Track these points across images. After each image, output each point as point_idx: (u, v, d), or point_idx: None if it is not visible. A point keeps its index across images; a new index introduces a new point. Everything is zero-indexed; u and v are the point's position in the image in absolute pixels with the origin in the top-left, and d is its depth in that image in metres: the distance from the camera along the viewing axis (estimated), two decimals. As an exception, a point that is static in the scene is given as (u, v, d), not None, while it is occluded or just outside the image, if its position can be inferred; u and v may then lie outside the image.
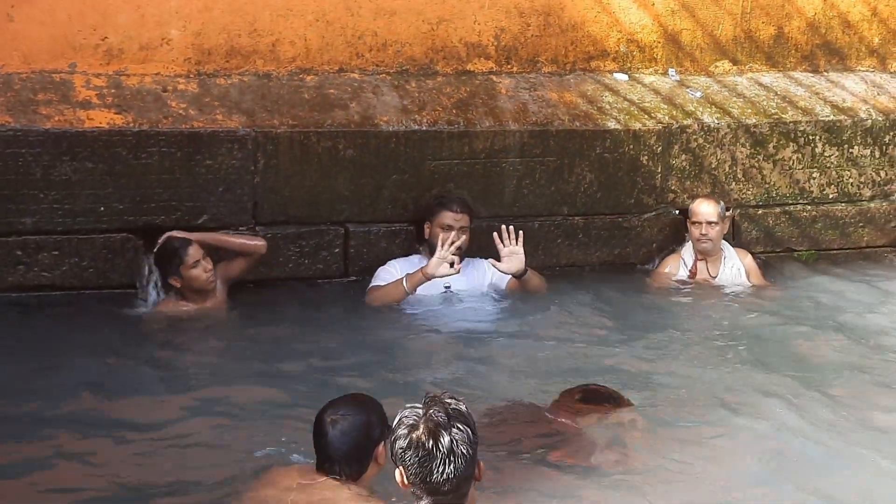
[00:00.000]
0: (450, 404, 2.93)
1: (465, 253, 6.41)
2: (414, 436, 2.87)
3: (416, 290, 6.23)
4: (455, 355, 5.82)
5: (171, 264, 5.96)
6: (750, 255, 7.10)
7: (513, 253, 6.28)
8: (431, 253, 6.36)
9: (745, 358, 5.80)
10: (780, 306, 6.68)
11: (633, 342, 5.99)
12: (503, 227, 6.28)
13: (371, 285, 6.38)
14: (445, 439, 2.85)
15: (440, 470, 2.86)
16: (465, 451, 2.88)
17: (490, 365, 5.68)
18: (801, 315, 6.55)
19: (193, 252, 5.93)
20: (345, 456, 3.78)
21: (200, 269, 5.94)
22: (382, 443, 3.73)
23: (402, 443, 2.89)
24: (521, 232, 6.26)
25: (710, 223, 6.78)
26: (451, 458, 2.87)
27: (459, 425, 2.90)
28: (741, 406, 5.08)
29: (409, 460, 2.88)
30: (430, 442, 2.86)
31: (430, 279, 6.15)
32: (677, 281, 6.91)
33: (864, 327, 6.35)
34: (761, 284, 6.95)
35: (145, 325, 5.97)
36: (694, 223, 6.84)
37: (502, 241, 6.26)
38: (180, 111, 6.24)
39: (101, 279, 6.11)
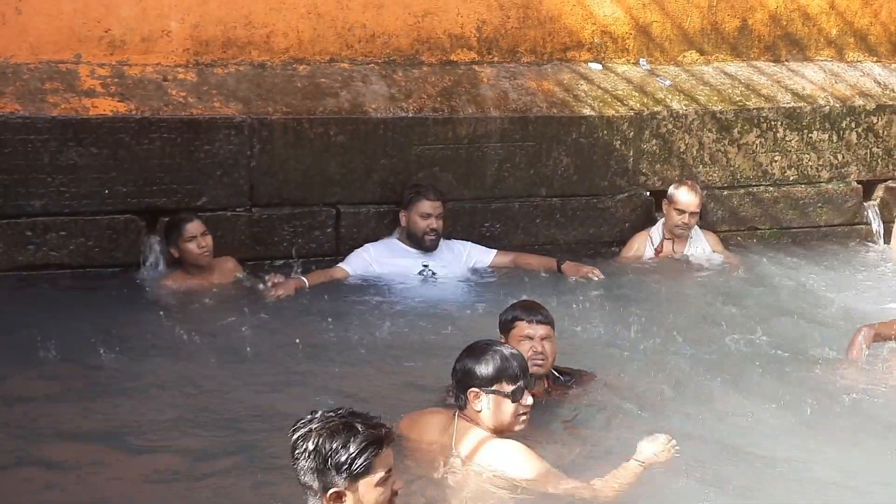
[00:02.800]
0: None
1: (443, 235, 6.46)
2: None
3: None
4: (425, 331, 5.75)
5: (171, 236, 5.99)
6: (714, 235, 7.09)
7: None
8: (409, 239, 6.42)
9: (693, 327, 5.77)
10: (739, 282, 6.68)
11: (594, 315, 5.88)
12: None
13: (338, 265, 6.37)
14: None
15: None
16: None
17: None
18: (756, 289, 6.56)
19: (192, 228, 5.95)
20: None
21: (194, 245, 5.94)
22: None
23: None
24: None
25: (693, 213, 6.75)
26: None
27: None
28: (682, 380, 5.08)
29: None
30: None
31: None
32: (645, 258, 6.89)
33: (816, 305, 6.32)
34: (724, 259, 6.95)
35: (147, 298, 5.95)
36: (677, 210, 6.76)
37: None
38: (180, 99, 6.24)
39: (107, 258, 6.12)
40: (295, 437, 3.14)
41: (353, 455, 3.09)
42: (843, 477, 4.20)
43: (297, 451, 3.12)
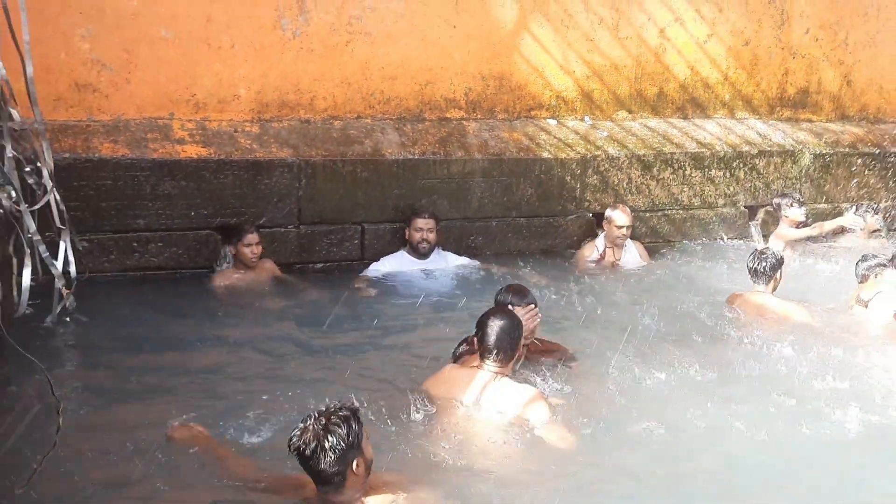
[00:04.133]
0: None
1: (434, 245, 6.44)
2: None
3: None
4: (425, 320, 5.65)
5: (233, 238, 5.97)
6: (641, 245, 7.09)
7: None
8: (411, 249, 6.41)
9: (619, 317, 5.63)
10: (657, 279, 6.66)
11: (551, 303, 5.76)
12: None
13: (360, 274, 6.34)
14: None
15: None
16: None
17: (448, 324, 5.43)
18: (670, 284, 6.54)
19: (250, 237, 5.94)
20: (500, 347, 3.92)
21: (249, 250, 5.91)
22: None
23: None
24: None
25: (627, 227, 6.76)
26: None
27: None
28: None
29: None
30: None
31: None
32: (591, 262, 6.83)
33: (712, 292, 6.23)
34: (648, 263, 6.96)
35: (212, 290, 5.95)
36: (616, 227, 6.73)
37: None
38: (247, 146, 6.25)
39: (192, 262, 6.10)
40: (302, 449, 2.99)
41: (356, 429, 3.04)
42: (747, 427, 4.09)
43: (312, 452, 2.98)
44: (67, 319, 5.00)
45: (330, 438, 2.99)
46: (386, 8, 6.63)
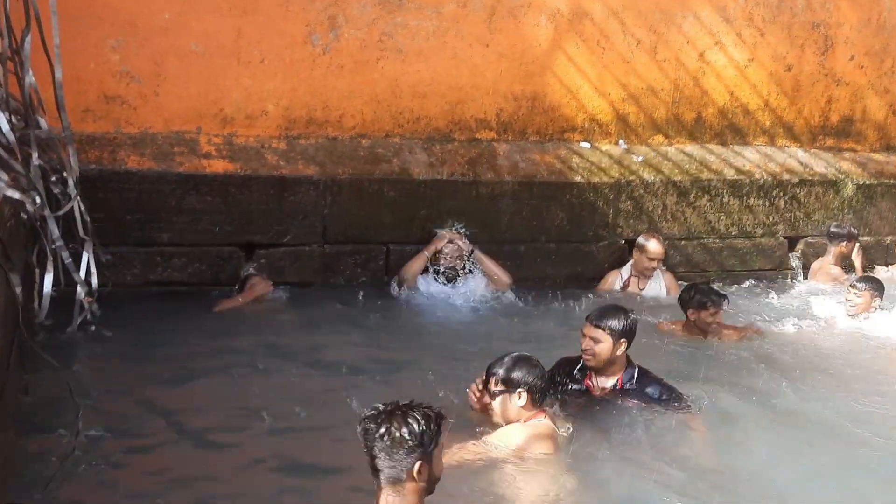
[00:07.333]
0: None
1: (459, 272, 6.41)
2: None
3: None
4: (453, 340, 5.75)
5: (241, 287, 6.01)
6: (671, 275, 7.05)
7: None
8: (437, 273, 6.42)
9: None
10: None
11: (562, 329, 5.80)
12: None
13: (392, 290, 6.39)
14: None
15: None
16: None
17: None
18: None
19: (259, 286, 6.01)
20: None
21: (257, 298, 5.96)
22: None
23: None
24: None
25: (659, 259, 6.77)
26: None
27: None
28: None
29: None
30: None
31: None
32: (615, 291, 6.82)
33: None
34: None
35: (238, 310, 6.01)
36: (648, 258, 6.71)
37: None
38: (273, 162, 6.31)
39: (214, 279, 6.16)
40: (371, 428, 2.87)
41: (433, 432, 2.87)
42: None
43: (378, 433, 2.85)
44: (92, 328, 5.10)
45: (402, 428, 2.86)
46: (417, 25, 6.70)
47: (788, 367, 5.46)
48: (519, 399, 3.92)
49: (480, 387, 4.09)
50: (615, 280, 6.93)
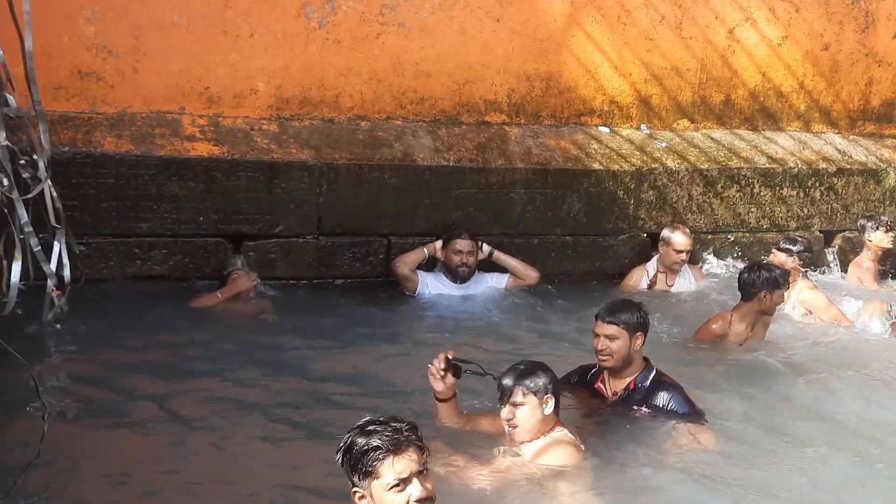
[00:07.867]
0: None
1: (473, 269, 6.28)
2: None
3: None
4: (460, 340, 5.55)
5: (224, 281, 5.82)
6: (697, 269, 6.89)
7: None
8: (446, 270, 6.28)
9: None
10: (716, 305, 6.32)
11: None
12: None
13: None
14: None
15: None
16: None
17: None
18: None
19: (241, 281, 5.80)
20: None
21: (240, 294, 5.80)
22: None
23: None
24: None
25: (687, 252, 6.58)
26: None
27: None
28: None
29: None
30: None
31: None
32: (641, 289, 6.62)
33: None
34: (701, 283, 6.72)
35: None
36: (675, 251, 6.54)
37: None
38: (263, 145, 6.19)
39: (198, 272, 6.06)
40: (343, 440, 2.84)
41: (360, 456, 2.75)
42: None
43: (337, 452, 2.84)
44: (58, 326, 4.99)
45: (347, 441, 2.85)
46: (422, -3, 6.65)
47: (824, 379, 5.27)
48: (547, 406, 3.86)
49: (442, 365, 3.98)
50: (641, 277, 6.73)
